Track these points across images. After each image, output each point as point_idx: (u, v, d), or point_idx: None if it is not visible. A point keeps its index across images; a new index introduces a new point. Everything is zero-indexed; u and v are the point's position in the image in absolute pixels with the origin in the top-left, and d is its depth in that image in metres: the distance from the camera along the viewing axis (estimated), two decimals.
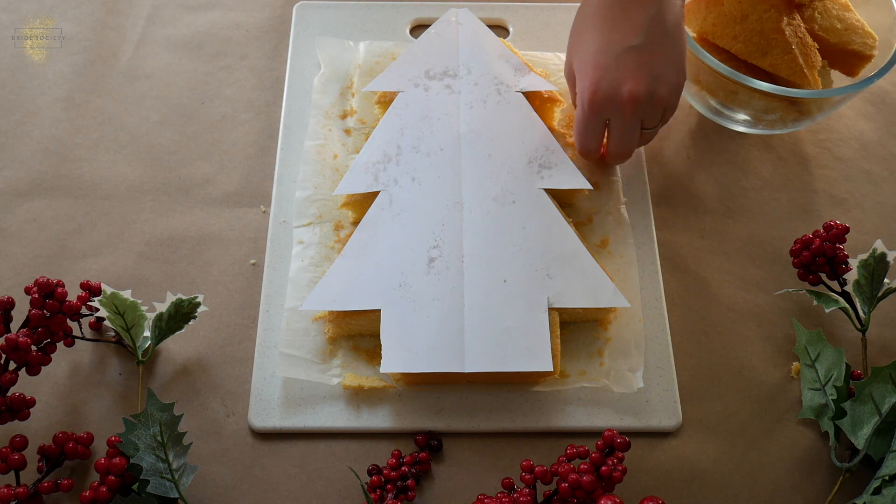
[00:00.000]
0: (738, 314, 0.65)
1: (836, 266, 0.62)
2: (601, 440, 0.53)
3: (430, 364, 0.56)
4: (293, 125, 0.71)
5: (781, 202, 0.70)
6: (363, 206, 0.63)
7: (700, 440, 0.59)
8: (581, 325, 0.62)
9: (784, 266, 0.66)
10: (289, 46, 0.76)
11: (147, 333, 0.59)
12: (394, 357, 0.56)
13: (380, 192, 0.62)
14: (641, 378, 0.59)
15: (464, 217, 0.61)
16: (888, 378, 0.55)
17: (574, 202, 0.67)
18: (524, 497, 0.52)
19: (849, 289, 0.62)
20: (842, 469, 0.57)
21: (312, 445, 0.58)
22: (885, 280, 0.61)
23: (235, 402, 0.60)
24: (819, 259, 0.62)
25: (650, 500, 0.50)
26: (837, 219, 0.66)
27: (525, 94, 0.67)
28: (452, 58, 0.68)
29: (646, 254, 0.66)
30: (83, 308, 0.59)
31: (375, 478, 0.56)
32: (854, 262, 0.61)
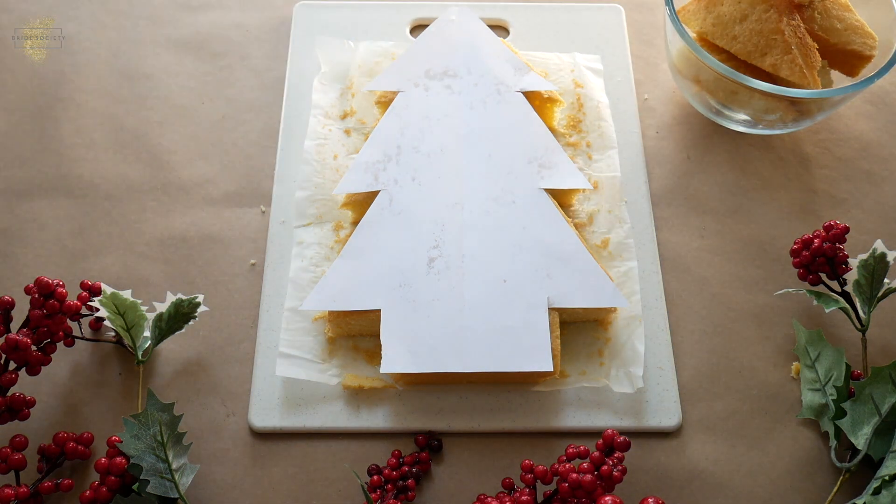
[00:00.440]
0: (738, 314, 0.65)
1: (836, 266, 0.62)
2: (601, 440, 0.53)
3: (430, 364, 0.56)
4: (293, 125, 0.71)
5: (781, 202, 0.70)
6: (363, 206, 0.63)
7: (700, 440, 0.59)
8: (581, 325, 0.62)
9: (784, 266, 0.66)
10: (289, 46, 0.76)
11: (147, 333, 0.59)
12: (394, 357, 0.56)
13: (380, 192, 0.62)
14: (641, 378, 0.59)
15: (464, 217, 0.61)
16: (888, 378, 0.55)
17: (574, 202, 0.67)
18: (524, 497, 0.52)
19: (849, 289, 0.62)
20: (842, 469, 0.57)
21: (312, 445, 0.58)
22: (885, 280, 0.61)
23: (235, 402, 0.60)
24: (819, 259, 0.62)
25: (650, 500, 0.50)
26: (837, 219, 0.66)
27: (525, 94, 0.67)
28: (452, 57, 0.68)
29: (646, 254, 0.66)
30: (83, 308, 0.59)
31: (375, 478, 0.56)
32: (854, 262, 0.61)
